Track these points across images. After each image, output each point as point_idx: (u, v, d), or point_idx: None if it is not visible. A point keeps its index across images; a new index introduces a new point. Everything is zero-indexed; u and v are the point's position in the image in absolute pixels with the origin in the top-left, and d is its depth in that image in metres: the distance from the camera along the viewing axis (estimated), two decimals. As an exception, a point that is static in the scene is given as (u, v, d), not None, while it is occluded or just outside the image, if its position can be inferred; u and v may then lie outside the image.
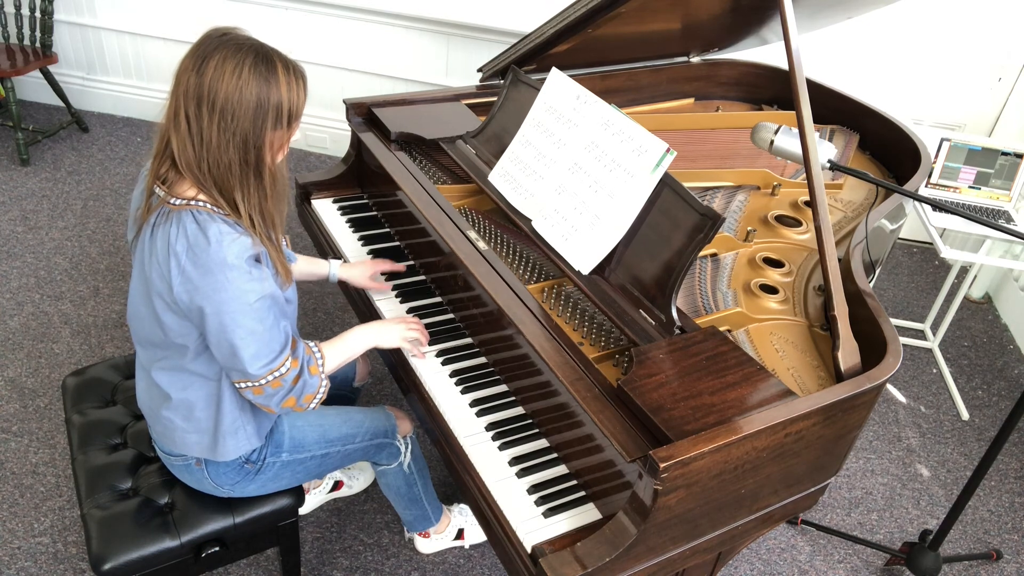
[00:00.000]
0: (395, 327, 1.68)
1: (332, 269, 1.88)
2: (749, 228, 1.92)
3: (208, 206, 1.35)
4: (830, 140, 2.47)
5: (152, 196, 1.37)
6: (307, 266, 1.86)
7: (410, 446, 1.86)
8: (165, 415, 1.51)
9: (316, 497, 2.23)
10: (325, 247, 2.11)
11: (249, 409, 1.53)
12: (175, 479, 1.65)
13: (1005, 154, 2.66)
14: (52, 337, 2.70)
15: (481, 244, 1.72)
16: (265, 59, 1.31)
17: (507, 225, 1.86)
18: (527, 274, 1.75)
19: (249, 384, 1.40)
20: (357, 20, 3.62)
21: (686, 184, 1.49)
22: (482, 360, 1.73)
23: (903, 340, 3.06)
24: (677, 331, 1.45)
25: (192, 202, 1.34)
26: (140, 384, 1.59)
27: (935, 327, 3.17)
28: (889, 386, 2.92)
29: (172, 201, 1.35)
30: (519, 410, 1.62)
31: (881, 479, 2.55)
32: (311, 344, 1.52)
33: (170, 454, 1.59)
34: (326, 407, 1.75)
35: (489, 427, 1.57)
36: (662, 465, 1.18)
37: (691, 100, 2.67)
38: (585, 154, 1.65)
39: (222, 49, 1.30)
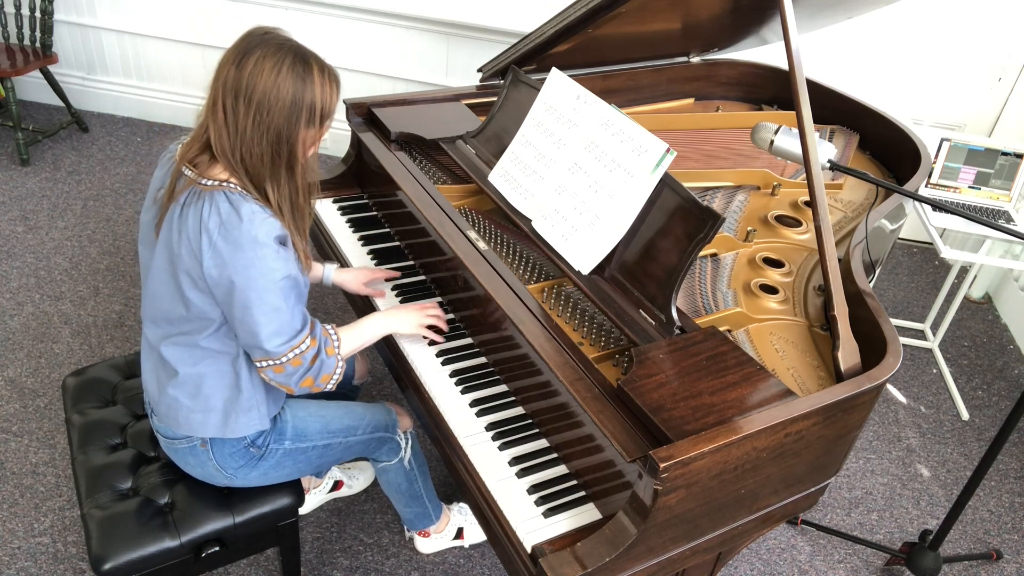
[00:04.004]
0: (412, 314, 1.72)
1: (327, 272, 1.88)
2: (749, 228, 1.92)
3: (239, 189, 1.39)
4: (830, 140, 2.47)
5: (180, 177, 1.41)
6: None
7: (410, 442, 1.86)
8: (171, 393, 1.52)
9: (316, 497, 2.23)
10: (325, 247, 2.11)
11: (263, 389, 1.55)
12: (175, 479, 1.65)
13: (1005, 154, 2.66)
14: (52, 337, 2.70)
15: (481, 244, 1.72)
16: (303, 60, 1.37)
17: (507, 225, 1.86)
18: (527, 274, 1.75)
19: (271, 363, 1.44)
20: (357, 20, 3.62)
21: (686, 184, 1.49)
22: (482, 360, 1.73)
23: (903, 340, 3.06)
24: (677, 331, 1.45)
25: (224, 184, 1.39)
26: (146, 365, 1.60)
27: (935, 327, 3.17)
28: (889, 386, 2.92)
29: (204, 182, 1.39)
30: (519, 410, 1.62)
31: (881, 479, 2.55)
32: (328, 327, 1.56)
33: (173, 437, 1.59)
34: (328, 401, 1.77)
35: (489, 427, 1.57)
36: (662, 465, 1.18)
37: (691, 100, 2.67)
38: (585, 154, 1.65)
39: (263, 47, 1.35)
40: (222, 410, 1.52)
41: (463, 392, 1.65)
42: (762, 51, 2.62)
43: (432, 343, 1.75)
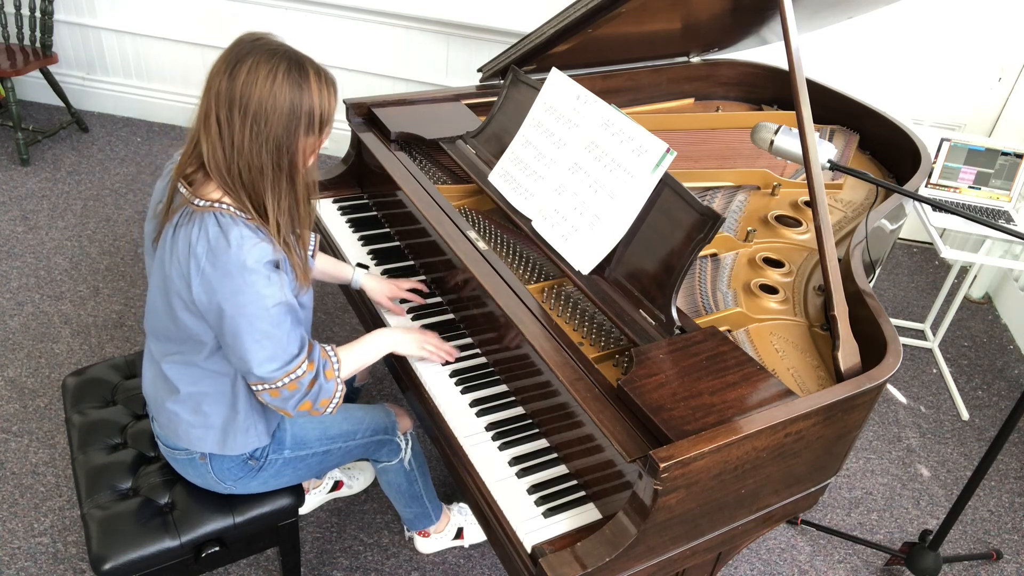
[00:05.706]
0: (415, 335, 1.68)
1: (356, 276, 1.86)
2: (749, 228, 1.92)
3: (232, 209, 1.34)
4: (830, 140, 2.47)
5: (175, 194, 1.38)
6: (332, 267, 1.86)
7: (410, 442, 1.86)
8: (171, 408, 1.51)
9: (316, 497, 2.23)
10: (325, 247, 2.10)
11: (260, 410, 1.54)
12: (175, 479, 1.65)
13: (1005, 154, 2.66)
14: (52, 337, 2.70)
15: (481, 244, 1.72)
16: (298, 65, 1.31)
17: (507, 225, 1.86)
18: (527, 274, 1.75)
19: (266, 387, 1.41)
20: (357, 20, 3.62)
21: (686, 184, 1.49)
22: (482, 360, 1.73)
23: (903, 340, 3.06)
24: (677, 331, 1.45)
25: (216, 204, 1.34)
26: (147, 374, 1.59)
27: (935, 327, 3.17)
28: (889, 386, 2.92)
29: (196, 202, 1.35)
30: (519, 410, 1.62)
31: (881, 479, 2.55)
32: (327, 348, 1.52)
33: (174, 448, 1.59)
34: None
35: (489, 427, 1.57)
36: (662, 465, 1.18)
37: (691, 100, 2.67)
38: (585, 154, 1.65)
39: (255, 54, 1.28)
40: (221, 428, 1.52)
41: (463, 392, 1.65)
42: (762, 51, 2.62)
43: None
